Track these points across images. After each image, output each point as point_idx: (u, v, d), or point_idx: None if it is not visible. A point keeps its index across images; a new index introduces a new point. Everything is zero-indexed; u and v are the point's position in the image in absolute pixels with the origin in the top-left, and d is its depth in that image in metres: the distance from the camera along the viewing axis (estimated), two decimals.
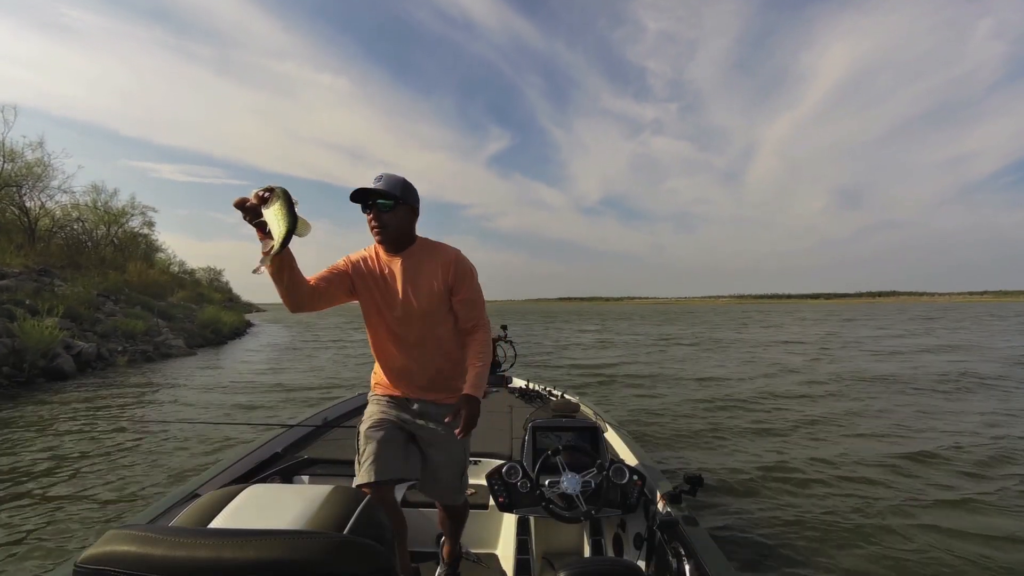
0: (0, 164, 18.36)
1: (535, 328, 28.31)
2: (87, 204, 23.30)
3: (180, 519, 0.89)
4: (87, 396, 7.27)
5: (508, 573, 1.94)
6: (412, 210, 1.72)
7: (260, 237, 1.29)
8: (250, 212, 1.25)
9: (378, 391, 1.83)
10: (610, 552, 1.98)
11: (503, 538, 2.22)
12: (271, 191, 1.22)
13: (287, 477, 2.21)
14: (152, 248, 29.31)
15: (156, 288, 21.36)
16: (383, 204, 1.64)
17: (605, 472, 1.84)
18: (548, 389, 3.82)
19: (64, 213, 21.90)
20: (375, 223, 1.65)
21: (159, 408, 6.74)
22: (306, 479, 2.27)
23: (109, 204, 24.18)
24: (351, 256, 1.76)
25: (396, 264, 1.72)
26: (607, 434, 2.60)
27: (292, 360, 12.71)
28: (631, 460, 2.28)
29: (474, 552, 2.16)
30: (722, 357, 12.39)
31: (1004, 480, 3.86)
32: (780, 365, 10.70)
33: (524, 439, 2.07)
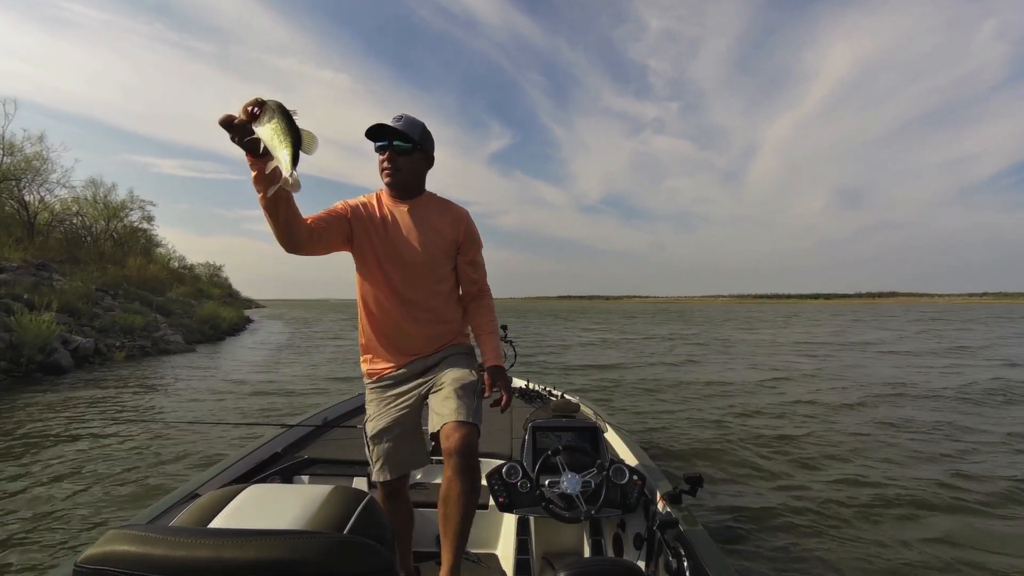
0: None
1: (535, 327, 28.32)
2: (87, 198, 23.30)
3: (180, 519, 0.89)
4: (84, 392, 7.26)
5: (508, 573, 1.94)
6: (428, 158, 1.62)
7: (250, 162, 1.15)
8: (238, 131, 1.10)
9: (372, 376, 1.70)
10: (610, 552, 1.98)
11: (503, 538, 2.22)
12: (262, 104, 1.06)
13: (287, 477, 2.21)
14: (152, 243, 29.32)
15: (155, 283, 21.33)
16: (400, 146, 1.53)
17: (605, 472, 1.84)
18: (548, 389, 3.82)
19: (64, 207, 21.89)
20: (388, 164, 1.54)
21: (157, 405, 6.72)
22: (306, 479, 2.27)
23: (108, 198, 24.18)
24: (349, 201, 1.61)
25: (402, 211, 1.60)
26: (607, 434, 2.60)
27: (290, 357, 12.71)
28: (631, 460, 2.28)
29: (474, 552, 2.17)
30: (728, 358, 12.27)
31: None
32: (786, 367, 10.62)
33: (524, 439, 2.07)
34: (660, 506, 1.80)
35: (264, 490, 0.97)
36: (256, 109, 1.06)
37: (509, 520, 2.19)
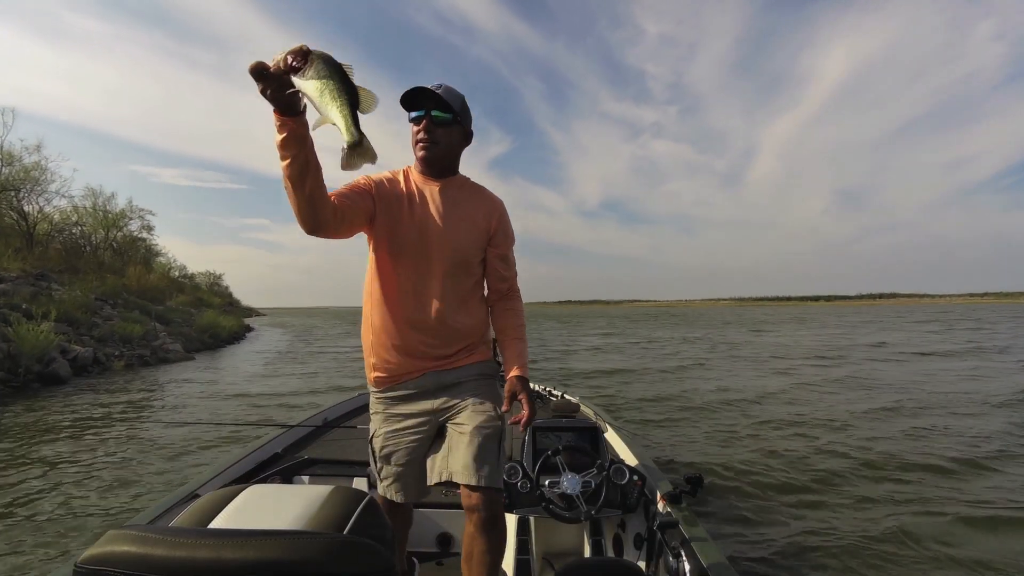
0: None
1: (537, 332, 28.30)
2: (86, 208, 23.31)
3: (180, 519, 0.89)
4: (83, 400, 7.25)
5: (508, 573, 1.94)
6: (466, 134, 1.48)
7: (280, 120, 0.98)
8: (273, 81, 0.92)
9: (379, 385, 1.48)
10: (610, 552, 1.98)
11: None
12: (306, 55, 0.89)
13: (287, 477, 2.21)
14: (152, 253, 29.31)
15: (155, 292, 21.32)
16: (439, 116, 1.38)
17: (605, 472, 1.84)
18: (548, 389, 3.82)
19: (63, 217, 21.91)
20: (425, 136, 1.38)
21: (156, 411, 6.72)
22: (306, 479, 2.26)
23: (107, 208, 24.20)
24: (371, 175, 1.42)
25: (432, 190, 1.44)
26: (607, 434, 2.60)
27: (289, 365, 12.68)
28: (631, 460, 2.28)
29: None
30: (735, 363, 12.05)
31: None
32: (795, 370, 10.52)
33: (524, 439, 2.08)
34: (660, 506, 1.80)
35: (264, 490, 0.97)
36: (297, 61, 0.89)
37: (509, 520, 2.19)
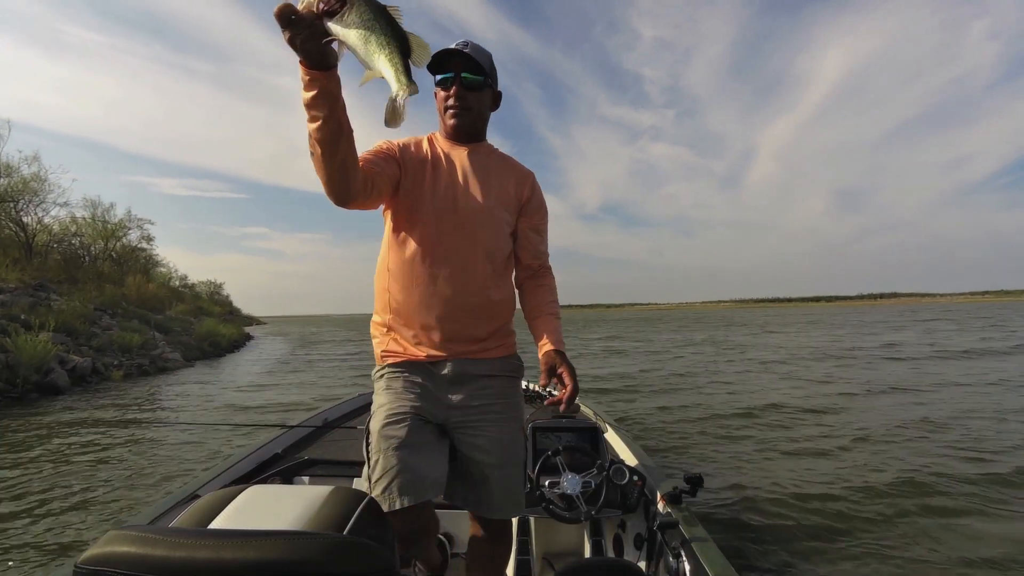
0: None
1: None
2: (85, 219, 23.33)
3: (180, 520, 0.89)
4: (82, 409, 7.24)
5: (508, 574, 1.93)
6: (496, 97, 1.38)
7: (310, 75, 0.87)
8: (304, 29, 0.79)
9: (390, 359, 1.32)
10: (610, 552, 1.98)
11: None
12: None
13: (287, 478, 2.20)
14: (152, 262, 29.31)
15: (154, 302, 21.31)
16: (470, 79, 1.25)
17: (605, 472, 1.84)
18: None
19: (62, 228, 21.91)
20: (456, 102, 1.27)
21: (155, 416, 6.74)
22: (306, 480, 2.26)
23: (106, 218, 24.22)
24: (393, 140, 1.32)
25: (460, 154, 1.33)
26: (607, 434, 2.60)
27: (287, 373, 12.64)
28: (631, 460, 2.28)
29: None
30: (738, 364, 11.98)
31: None
32: (797, 371, 10.47)
33: (524, 439, 2.08)
34: (660, 506, 1.79)
35: (264, 491, 0.97)
36: (332, 3, 0.77)
37: None
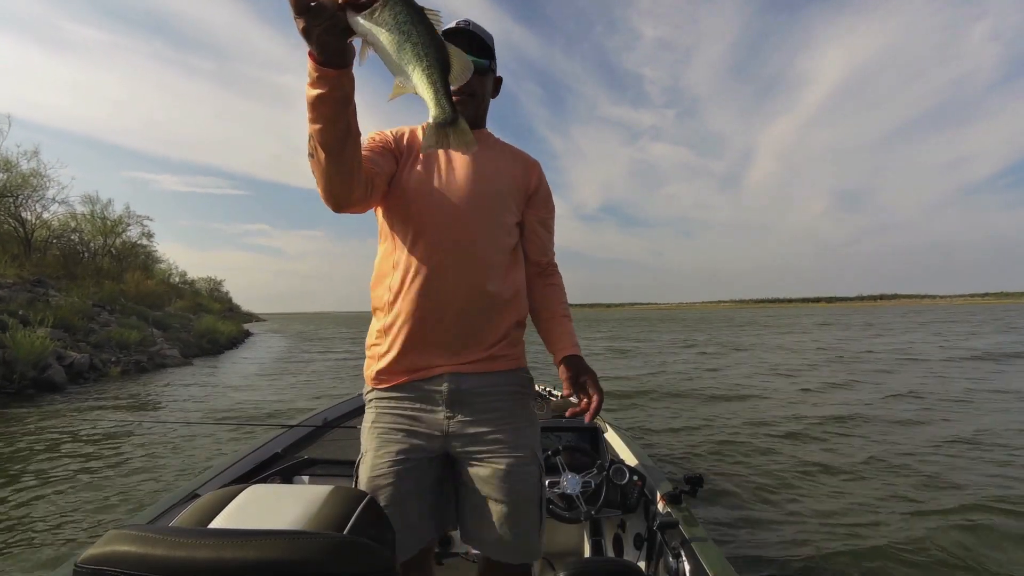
0: None
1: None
2: (84, 215, 23.29)
3: (180, 519, 0.88)
4: (79, 406, 7.23)
5: None
6: (497, 83, 1.29)
7: (320, 73, 0.77)
8: (324, 19, 0.69)
9: (381, 382, 1.17)
10: (610, 552, 1.97)
11: None
12: None
13: (287, 477, 2.20)
14: (151, 259, 29.28)
15: (153, 298, 21.29)
16: (475, 62, 1.14)
17: (605, 472, 1.84)
18: (548, 389, 3.82)
19: (61, 224, 21.88)
20: (460, 87, 1.12)
21: (153, 414, 6.73)
22: (306, 479, 2.26)
23: (105, 214, 24.18)
24: (384, 131, 1.21)
25: None
26: (607, 434, 2.60)
27: (286, 371, 12.64)
28: (631, 460, 2.28)
29: (474, 552, 2.16)
30: (742, 366, 11.81)
31: None
32: (798, 372, 10.50)
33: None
34: (660, 506, 1.79)
35: (264, 490, 0.97)
36: None
37: None
